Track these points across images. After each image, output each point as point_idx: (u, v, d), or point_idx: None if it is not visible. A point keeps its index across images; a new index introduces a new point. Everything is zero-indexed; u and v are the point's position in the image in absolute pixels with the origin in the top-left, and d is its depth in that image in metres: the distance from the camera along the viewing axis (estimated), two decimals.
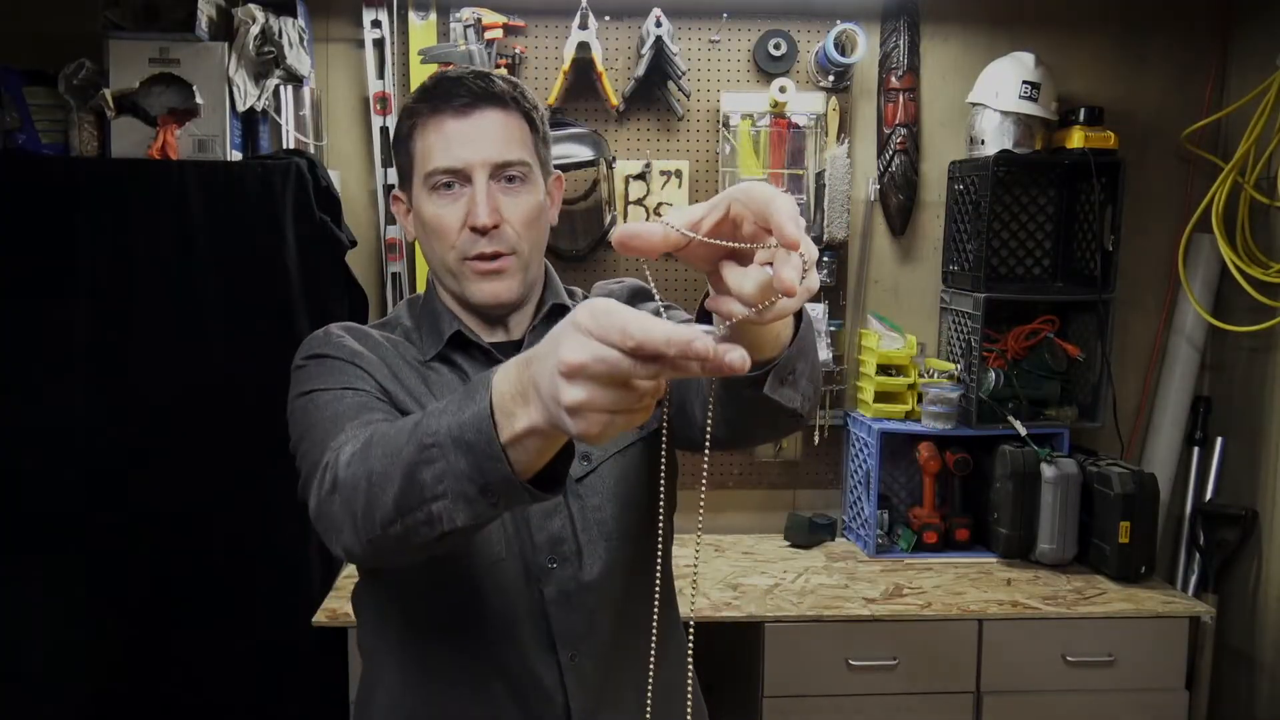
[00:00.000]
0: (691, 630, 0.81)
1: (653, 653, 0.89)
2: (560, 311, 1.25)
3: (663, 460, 0.86)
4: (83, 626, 2.27)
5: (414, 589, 1.21)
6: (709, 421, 0.80)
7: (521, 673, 1.19)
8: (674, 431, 1.18)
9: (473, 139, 1.17)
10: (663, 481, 0.85)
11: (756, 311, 0.70)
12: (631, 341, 0.63)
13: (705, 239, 0.72)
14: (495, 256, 1.18)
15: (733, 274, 0.72)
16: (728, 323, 0.72)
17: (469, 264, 1.18)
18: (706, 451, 0.80)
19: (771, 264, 0.69)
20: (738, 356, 0.64)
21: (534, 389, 0.72)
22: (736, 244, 0.72)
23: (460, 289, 1.21)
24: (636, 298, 1.29)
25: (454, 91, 1.17)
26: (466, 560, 1.18)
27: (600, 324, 0.64)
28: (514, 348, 1.23)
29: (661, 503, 0.87)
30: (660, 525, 0.91)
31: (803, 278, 0.68)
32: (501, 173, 1.18)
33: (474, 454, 0.78)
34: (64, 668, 2.27)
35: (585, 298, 1.30)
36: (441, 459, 0.81)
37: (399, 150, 1.24)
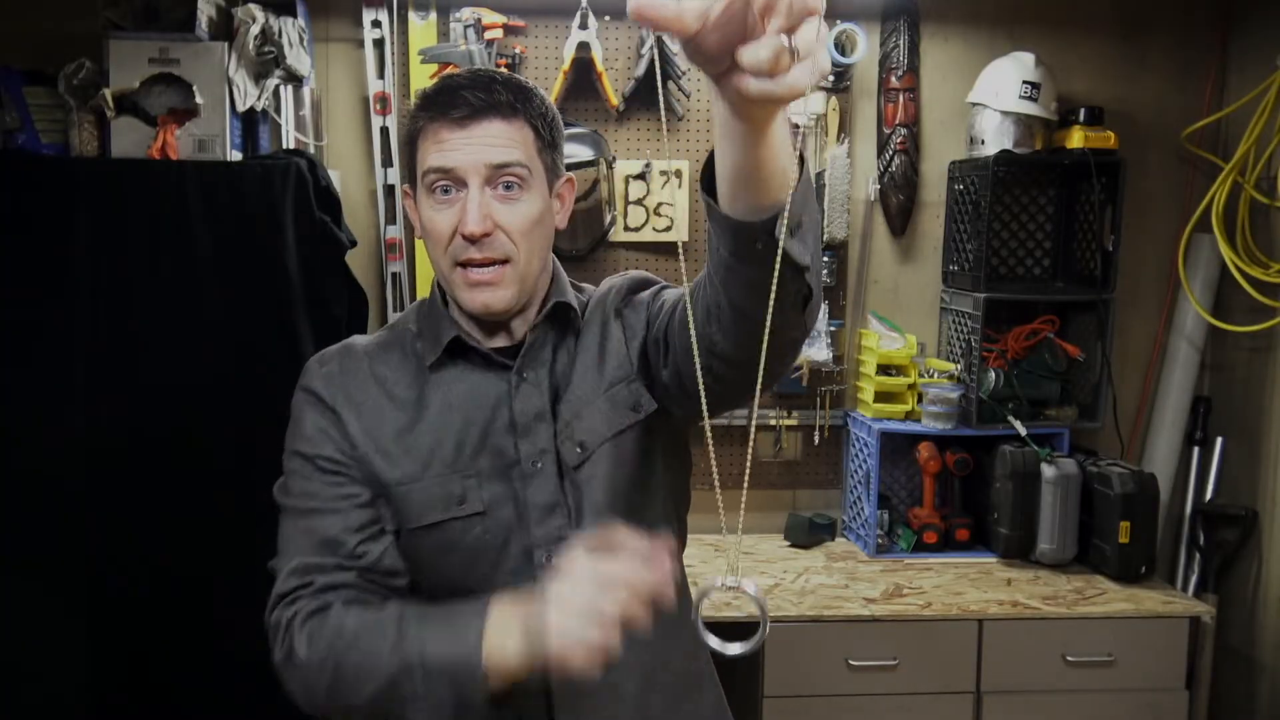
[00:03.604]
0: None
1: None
2: (562, 309, 1.24)
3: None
4: (81, 627, 2.26)
5: (412, 581, 1.21)
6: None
7: None
8: (678, 404, 1.19)
9: (469, 146, 1.16)
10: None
11: (773, 79, 0.67)
12: None
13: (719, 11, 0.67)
14: (487, 264, 1.16)
15: (746, 50, 0.67)
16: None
17: (460, 271, 1.18)
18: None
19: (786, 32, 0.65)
20: None
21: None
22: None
23: (454, 296, 1.21)
24: (637, 288, 1.29)
25: (453, 103, 1.16)
26: (467, 555, 1.18)
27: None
28: (515, 351, 1.23)
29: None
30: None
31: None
32: (499, 177, 1.16)
33: (457, 687, 1.00)
34: (63, 668, 2.27)
35: (593, 293, 1.30)
36: (425, 685, 1.02)
37: (404, 151, 1.24)
